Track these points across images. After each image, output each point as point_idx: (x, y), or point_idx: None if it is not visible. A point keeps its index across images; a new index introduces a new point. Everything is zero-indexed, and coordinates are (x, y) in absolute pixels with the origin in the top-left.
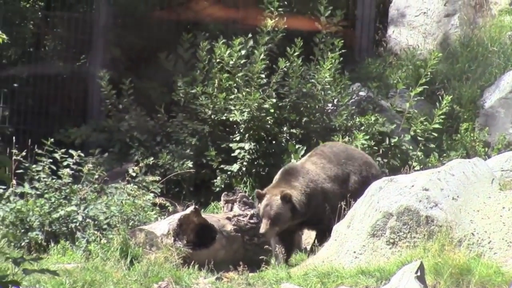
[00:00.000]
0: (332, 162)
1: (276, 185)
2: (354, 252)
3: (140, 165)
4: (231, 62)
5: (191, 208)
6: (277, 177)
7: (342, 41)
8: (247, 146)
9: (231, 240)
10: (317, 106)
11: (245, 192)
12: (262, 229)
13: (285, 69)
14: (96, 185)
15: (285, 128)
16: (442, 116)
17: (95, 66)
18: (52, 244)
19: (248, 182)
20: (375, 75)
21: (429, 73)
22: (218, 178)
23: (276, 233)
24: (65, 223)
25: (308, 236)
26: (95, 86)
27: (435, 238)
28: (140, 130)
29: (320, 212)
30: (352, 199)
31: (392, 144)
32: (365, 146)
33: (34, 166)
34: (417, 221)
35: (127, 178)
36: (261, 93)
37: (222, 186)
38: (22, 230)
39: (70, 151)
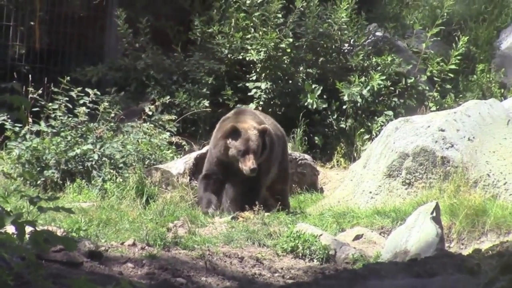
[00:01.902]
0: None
1: (243, 120)
2: (370, 192)
3: (157, 103)
4: (248, 2)
5: (207, 147)
6: (230, 116)
7: None
8: (263, 85)
9: None
10: (333, 46)
11: None
12: (253, 164)
13: (302, 8)
14: (112, 124)
15: (301, 68)
16: (459, 57)
17: (112, 4)
18: (68, 183)
19: None
20: (391, 16)
21: (445, 14)
22: None
23: None
24: (81, 161)
25: (324, 177)
26: (112, 25)
27: (451, 179)
28: (156, 69)
29: (266, 162)
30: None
31: (409, 84)
32: (381, 86)
33: (50, 104)
34: (433, 162)
35: (143, 117)
36: (278, 32)
37: None
38: (38, 169)
39: (87, 89)
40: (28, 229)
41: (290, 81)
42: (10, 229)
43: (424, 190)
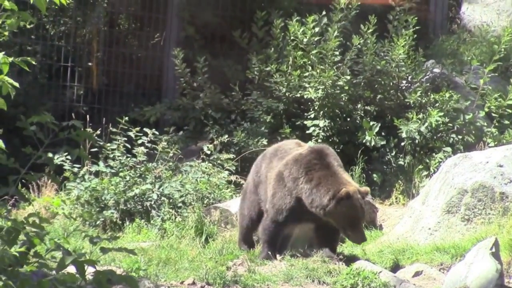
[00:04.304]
0: None
1: (346, 179)
2: (429, 228)
3: (215, 143)
4: (305, 40)
5: None
6: (328, 162)
7: (416, 18)
8: (321, 123)
9: None
10: (391, 83)
11: None
12: (364, 238)
13: (359, 46)
14: (171, 163)
15: (359, 105)
16: None
17: (170, 44)
18: (127, 223)
19: None
20: (449, 52)
21: (503, 50)
22: None
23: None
24: (140, 201)
25: (383, 214)
26: (170, 65)
27: (510, 214)
28: (214, 108)
29: None
30: None
31: (467, 120)
32: (439, 122)
33: (108, 144)
34: (492, 198)
35: (201, 156)
36: (335, 70)
37: None
38: (97, 209)
39: (145, 129)
40: (89, 269)
41: (348, 119)
42: (72, 269)
43: (483, 226)
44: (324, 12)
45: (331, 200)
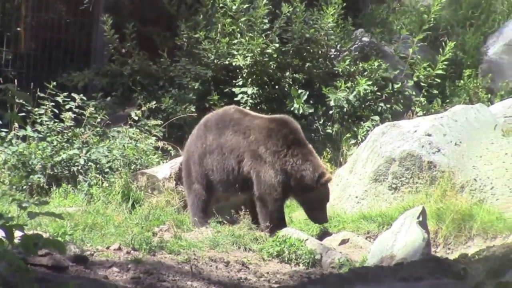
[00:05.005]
0: None
1: (320, 159)
2: (356, 197)
3: (143, 109)
4: (234, 7)
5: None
6: (302, 138)
7: None
8: (250, 90)
9: None
10: (320, 51)
11: None
12: (326, 219)
13: (288, 14)
14: (98, 129)
15: (288, 73)
16: (445, 62)
17: (99, 10)
18: (54, 188)
19: None
20: (378, 21)
21: (432, 19)
22: None
23: None
24: (67, 166)
25: None
26: (99, 31)
27: (437, 184)
28: (143, 74)
29: None
30: None
31: (395, 89)
32: (367, 91)
33: (36, 109)
34: (420, 167)
35: (129, 122)
36: (264, 38)
37: None
38: (24, 174)
39: (73, 94)
40: (16, 233)
41: (277, 86)
42: None
43: (410, 194)
44: None
45: (318, 181)
